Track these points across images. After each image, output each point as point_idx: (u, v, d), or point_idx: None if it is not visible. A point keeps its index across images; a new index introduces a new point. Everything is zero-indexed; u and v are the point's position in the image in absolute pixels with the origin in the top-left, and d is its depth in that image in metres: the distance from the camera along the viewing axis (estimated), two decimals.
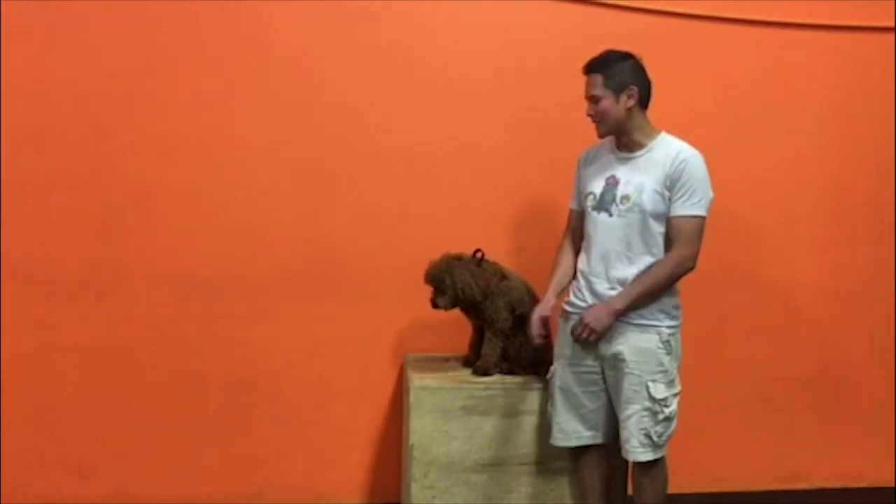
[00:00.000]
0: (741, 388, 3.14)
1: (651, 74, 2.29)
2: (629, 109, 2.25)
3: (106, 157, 2.72)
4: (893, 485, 3.21)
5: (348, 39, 2.81)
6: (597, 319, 2.22)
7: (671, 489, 2.40)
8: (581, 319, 2.25)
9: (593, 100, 2.26)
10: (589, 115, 2.28)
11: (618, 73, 2.24)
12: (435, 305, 2.52)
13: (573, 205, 2.48)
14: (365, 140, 2.85)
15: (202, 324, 2.79)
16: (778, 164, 3.10)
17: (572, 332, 2.29)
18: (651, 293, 2.22)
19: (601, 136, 2.31)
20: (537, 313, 2.41)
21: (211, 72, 2.76)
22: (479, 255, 2.55)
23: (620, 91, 2.24)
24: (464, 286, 2.47)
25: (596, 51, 2.31)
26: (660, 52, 2.87)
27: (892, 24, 3.10)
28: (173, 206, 2.76)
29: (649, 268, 2.23)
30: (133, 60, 2.71)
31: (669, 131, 2.32)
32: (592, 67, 2.27)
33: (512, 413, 2.48)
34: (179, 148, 2.75)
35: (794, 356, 3.17)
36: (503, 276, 2.57)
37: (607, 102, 2.24)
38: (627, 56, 2.27)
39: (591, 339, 2.24)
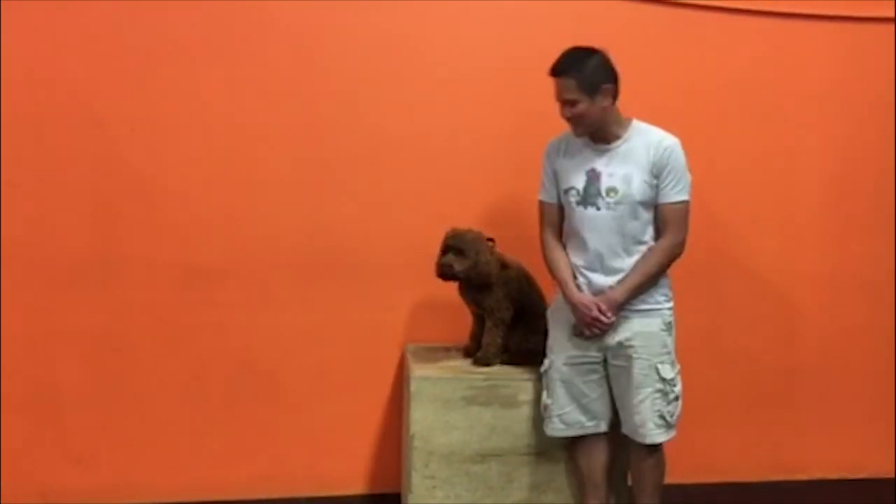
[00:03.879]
0: (740, 378, 3.14)
1: (650, 65, 2.28)
2: (604, 108, 2.21)
3: (105, 145, 2.70)
4: (892, 476, 3.22)
5: (348, 27, 2.79)
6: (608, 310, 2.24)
7: (669, 479, 2.42)
8: (595, 304, 2.25)
9: (568, 104, 2.20)
10: (565, 117, 2.24)
11: (591, 73, 2.17)
12: (450, 268, 2.43)
13: (545, 197, 2.43)
14: (366, 128, 2.83)
15: (202, 312, 2.78)
16: (778, 154, 3.08)
17: (578, 331, 2.30)
18: (648, 282, 2.26)
19: (578, 135, 2.27)
20: (589, 302, 2.24)
21: (210, 59, 2.73)
22: (490, 243, 2.55)
23: (595, 92, 2.18)
24: (487, 262, 2.47)
25: (598, 39, 2.29)
26: (659, 43, 2.88)
27: (893, 15, 3.07)
28: (173, 193, 2.75)
29: (643, 257, 2.25)
30: (132, 48, 2.69)
31: (669, 122, 2.31)
32: (562, 70, 2.19)
33: (513, 403, 2.48)
34: (179, 136, 2.74)
35: (793, 347, 3.17)
36: (503, 266, 2.56)
37: (583, 106, 2.18)
38: (593, 52, 2.21)
39: (597, 333, 2.27)
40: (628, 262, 2.26)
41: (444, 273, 2.46)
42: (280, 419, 2.86)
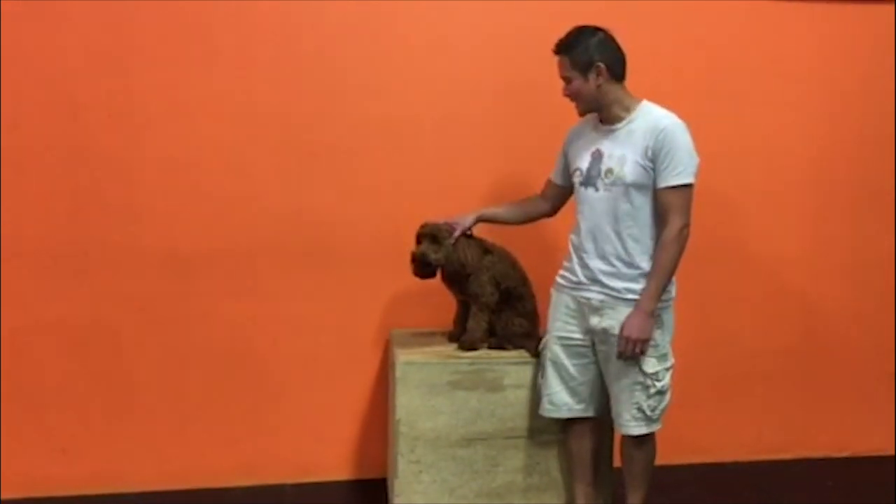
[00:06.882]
0: (725, 360, 3.16)
1: (632, 44, 2.26)
2: (600, 86, 2.23)
3: (85, 132, 2.67)
4: (875, 454, 3.26)
5: (331, 10, 2.76)
6: (639, 330, 2.17)
7: (656, 460, 2.42)
8: (622, 337, 2.19)
9: (565, 80, 2.28)
10: (565, 94, 2.30)
11: (583, 52, 2.22)
12: (424, 257, 2.44)
13: (551, 174, 2.52)
14: (349, 113, 2.81)
15: (185, 300, 2.77)
16: (763, 136, 3.09)
17: (619, 354, 2.22)
18: (668, 276, 2.22)
19: (581, 114, 2.34)
20: (458, 224, 2.49)
21: (190, 46, 2.70)
22: (468, 231, 2.54)
23: (588, 70, 2.23)
24: (459, 250, 2.46)
25: (583, 19, 2.28)
26: (642, 22, 2.86)
27: None
28: (155, 180, 2.72)
29: (655, 255, 2.21)
30: (110, 33, 2.65)
31: (655, 103, 2.29)
32: (557, 48, 2.28)
33: (498, 387, 2.48)
34: (160, 122, 2.71)
35: (777, 328, 3.19)
36: (486, 251, 2.56)
37: (577, 83, 2.25)
38: (595, 31, 2.24)
39: (638, 349, 2.20)
40: (618, 246, 2.24)
41: (420, 261, 2.46)
42: (265, 406, 2.86)
